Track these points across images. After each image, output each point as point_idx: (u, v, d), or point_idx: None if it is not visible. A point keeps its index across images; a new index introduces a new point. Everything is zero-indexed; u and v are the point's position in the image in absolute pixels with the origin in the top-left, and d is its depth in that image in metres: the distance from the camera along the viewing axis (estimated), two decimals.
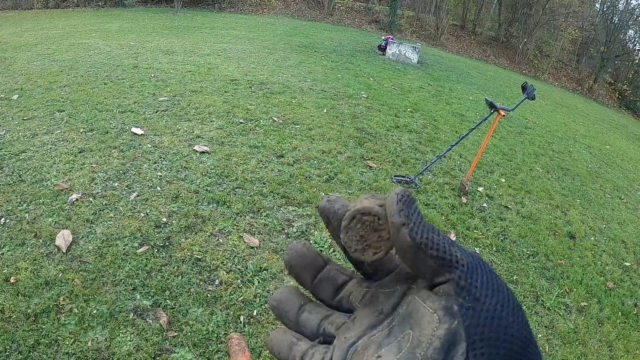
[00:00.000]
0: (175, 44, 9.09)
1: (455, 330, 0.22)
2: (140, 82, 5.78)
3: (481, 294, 0.23)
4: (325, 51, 11.04)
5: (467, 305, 0.23)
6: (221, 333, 2.18)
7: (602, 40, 23.65)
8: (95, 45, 8.12)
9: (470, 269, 0.24)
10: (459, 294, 0.23)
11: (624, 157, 8.75)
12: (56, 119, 4.31)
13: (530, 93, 3.78)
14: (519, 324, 0.23)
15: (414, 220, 0.25)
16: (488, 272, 0.25)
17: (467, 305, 0.23)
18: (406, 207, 0.25)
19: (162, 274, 2.48)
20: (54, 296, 2.20)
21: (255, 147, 4.25)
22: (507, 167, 5.47)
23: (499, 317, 0.23)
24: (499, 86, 12.96)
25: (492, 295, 0.23)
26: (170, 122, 4.54)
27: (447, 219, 3.74)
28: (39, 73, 5.83)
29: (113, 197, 3.12)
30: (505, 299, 0.24)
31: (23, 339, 1.96)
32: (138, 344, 2.03)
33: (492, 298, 0.23)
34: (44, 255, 2.48)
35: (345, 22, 21.01)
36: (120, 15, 14.50)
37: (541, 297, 3.10)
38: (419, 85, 9.24)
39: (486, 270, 0.25)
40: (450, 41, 22.06)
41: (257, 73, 7.21)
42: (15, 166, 3.36)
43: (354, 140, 4.95)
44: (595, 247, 4.09)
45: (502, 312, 0.23)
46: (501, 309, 0.23)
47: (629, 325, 3.08)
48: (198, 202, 3.21)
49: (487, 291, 0.23)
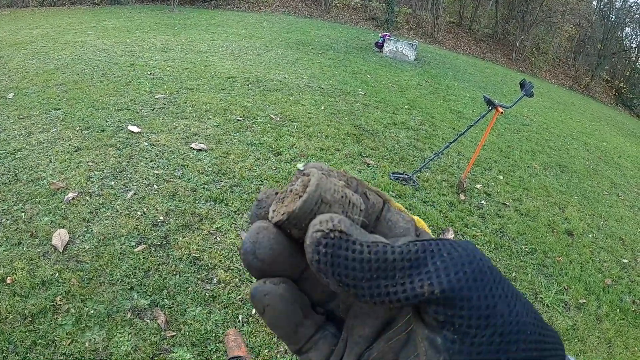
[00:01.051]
0: (171, 41, 9.04)
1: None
2: (136, 79, 5.75)
3: (469, 325, 0.19)
4: (322, 48, 11.01)
5: (452, 338, 0.19)
6: (220, 332, 2.16)
7: (599, 38, 23.69)
8: (92, 43, 8.07)
9: (449, 298, 0.19)
10: (442, 327, 0.20)
11: (621, 154, 8.76)
12: (52, 117, 4.28)
13: (528, 90, 3.78)
14: (524, 349, 0.19)
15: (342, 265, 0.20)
16: (482, 288, 0.20)
17: (452, 338, 0.19)
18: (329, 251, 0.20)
19: (160, 273, 2.46)
20: (51, 296, 2.19)
21: (252, 145, 4.23)
22: (505, 164, 5.47)
23: (496, 350, 0.19)
24: (496, 83, 12.96)
25: (487, 324, 0.19)
26: (167, 120, 4.52)
27: (446, 216, 3.74)
28: (35, 71, 5.79)
29: (109, 195, 3.09)
30: (505, 324, 0.19)
31: (20, 339, 1.94)
32: (136, 344, 2.02)
33: (487, 329, 0.19)
34: (40, 255, 2.46)
35: (342, 19, 20.97)
36: (117, 12, 14.43)
37: (540, 294, 3.10)
38: (416, 82, 9.23)
39: (479, 288, 0.19)
40: (447, 38, 22.05)
41: (254, 70, 7.18)
42: (11, 165, 3.33)
43: (352, 137, 4.94)
44: (593, 244, 4.10)
45: (500, 343, 0.19)
46: (499, 339, 0.19)
47: (627, 322, 3.08)
48: (195, 200, 3.20)
49: (479, 320, 0.19)
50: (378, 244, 0.21)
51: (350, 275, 0.20)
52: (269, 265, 0.24)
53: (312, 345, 0.25)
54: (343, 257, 0.20)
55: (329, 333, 0.25)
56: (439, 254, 0.20)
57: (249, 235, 0.24)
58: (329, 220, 0.21)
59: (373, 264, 0.20)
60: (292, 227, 0.23)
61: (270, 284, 0.24)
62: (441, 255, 0.20)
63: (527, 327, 0.20)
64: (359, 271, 0.20)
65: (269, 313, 0.24)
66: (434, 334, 0.20)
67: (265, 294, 0.24)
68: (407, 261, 0.20)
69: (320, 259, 0.20)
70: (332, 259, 0.20)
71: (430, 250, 0.20)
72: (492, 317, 0.19)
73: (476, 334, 0.19)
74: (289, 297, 0.24)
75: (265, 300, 0.24)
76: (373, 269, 0.20)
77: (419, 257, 0.20)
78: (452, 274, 0.19)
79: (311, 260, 0.21)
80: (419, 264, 0.20)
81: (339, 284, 0.20)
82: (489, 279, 0.20)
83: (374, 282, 0.20)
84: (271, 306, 0.24)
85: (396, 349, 0.23)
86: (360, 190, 0.25)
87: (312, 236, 0.21)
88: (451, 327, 0.19)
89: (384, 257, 0.20)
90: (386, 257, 0.20)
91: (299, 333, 0.25)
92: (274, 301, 0.24)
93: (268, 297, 0.24)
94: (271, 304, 0.24)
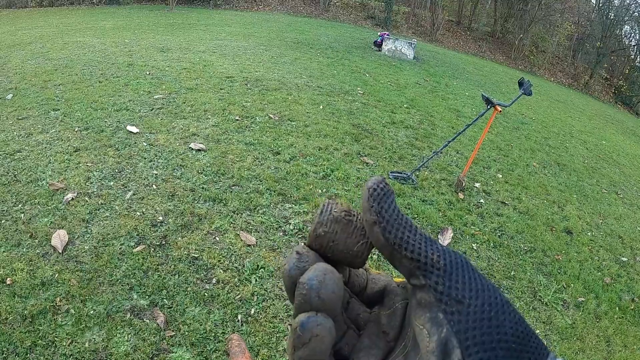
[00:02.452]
0: (170, 41, 9.04)
1: (445, 339, 0.21)
2: (135, 80, 5.75)
3: (464, 295, 0.22)
4: (321, 47, 11.01)
5: (450, 310, 0.22)
6: (219, 332, 2.17)
7: (597, 36, 23.69)
8: (90, 44, 8.07)
9: (448, 271, 0.23)
10: (440, 300, 0.22)
11: (620, 152, 8.77)
12: (51, 118, 4.28)
13: (527, 88, 3.78)
14: (511, 321, 0.22)
15: (387, 218, 0.24)
16: (470, 271, 0.23)
17: (451, 310, 0.22)
18: (378, 203, 0.24)
19: (159, 273, 2.47)
20: (51, 297, 2.19)
21: (251, 144, 4.23)
22: (504, 163, 5.47)
23: (489, 317, 0.22)
24: (495, 82, 12.96)
25: (477, 296, 0.22)
26: (165, 120, 4.52)
27: (444, 215, 3.74)
28: (34, 72, 5.79)
29: (109, 196, 3.10)
30: (491, 297, 0.22)
31: (20, 340, 1.94)
32: (135, 344, 2.02)
33: (477, 299, 0.22)
34: (40, 255, 2.46)
35: (341, 18, 20.96)
36: (115, 12, 14.42)
37: (539, 292, 3.10)
38: (415, 81, 9.23)
39: (468, 270, 0.23)
40: (446, 37, 22.05)
41: (252, 70, 7.18)
42: (10, 166, 3.33)
43: (350, 136, 4.94)
44: (592, 242, 4.10)
45: (490, 312, 0.22)
46: (489, 308, 0.22)
47: (626, 320, 3.09)
48: (194, 200, 3.20)
49: (471, 292, 0.22)
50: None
51: (391, 217, 0.25)
52: (327, 306, 0.26)
53: None
54: (390, 200, 0.25)
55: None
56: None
57: (315, 274, 0.26)
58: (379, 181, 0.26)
59: (408, 221, 0.25)
60: None
61: (323, 317, 0.25)
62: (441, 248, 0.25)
63: (511, 306, 0.23)
64: (398, 214, 0.25)
65: (314, 344, 0.25)
66: (435, 312, 0.22)
67: (318, 324, 0.25)
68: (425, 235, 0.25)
69: (372, 195, 0.25)
70: (383, 199, 0.25)
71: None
72: (482, 291, 0.23)
73: (470, 304, 0.22)
74: (334, 334, 0.26)
75: (316, 331, 0.25)
76: (408, 224, 0.25)
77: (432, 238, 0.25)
78: (451, 259, 0.24)
79: (368, 205, 0.25)
80: (432, 241, 0.25)
81: (379, 224, 0.24)
82: (479, 274, 0.24)
83: (406, 233, 0.24)
84: (319, 337, 0.25)
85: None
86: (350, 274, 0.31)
87: (368, 183, 0.26)
88: (448, 297, 0.22)
89: (411, 222, 0.26)
90: (412, 223, 0.26)
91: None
92: (324, 333, 0.25)
93: (320, 327, 0.25)
94: (320, 335, 0.25)
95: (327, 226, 0.27)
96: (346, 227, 0.27)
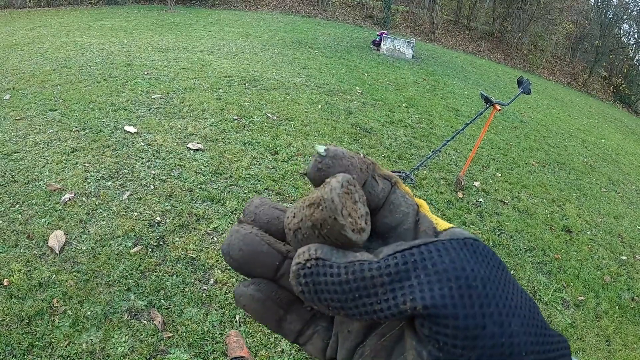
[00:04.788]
0: (168, 41, 9.02)
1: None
2: (133, 80, 5.73)
3: (456, 345, 0.18)
4: (320, 47, 11.00)
5: (436, 355, 0.18)
6: (217, 333, 2.16)
7: (596, 35, 23.71)
8: (88, 44, 8.05)
9: (435, 314, 0.18)
10: (427, 341, 0.19)
11: (619, 151, 8.77)
12: (49, 118, 4.26)
13: (526, 87, 3.77)
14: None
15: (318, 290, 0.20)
16: (470, 304, 0.18)
17: (436, 356, 0.18)
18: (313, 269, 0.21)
19: (157, 274, 2.46)
20: (48, 298, 2.18)
21: (249, 144, 4.22)
22: (503, 162, 5.46)
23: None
24: (493, 81, 12.96)
25: (473, 347, 0.18)
26: (163, 120, 4.50)
27: (444, 214, 3.74)
28: (32, 72, 5.77)
29: (106, 196, 3.08)
30: (497, 344, 0.18)
31: (17, 342, 1.93)
32: (133, 345, 2.01)
33: (474, 351, 0.18)
34: (37, 256, 2.45)
35: (339, 17, 20.94)
36: (113, 13, 14.39)
37: (538, 292, 3.10)
38: (413, 80, 9.22)
39: (469, 303, 0.18)
40: (444, 36, 22.04)
41: (251, 69, 7.17)
42: (8, 167, 3.31)
43: (349, 136, 4.93)
44: (592, 241, 4.10)
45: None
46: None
47: (626, 319, 3.08)
48: (192, 200, 3.19)
49: (465, 341, 0.18)
50: (355, 263, 0.20)
51: (334, 298, 0.20)
52: (243, 264, 0.26)
53: (307, 340, 0.26)
54: (323, 282, 0.20)
55: (322, 327, 0.26)
56: (422, 266, 0.19)
57: (225, 238, 0.27)
58: (305, 252, 0.21)
59: (352, 284, 0.20)
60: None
61: (243, 287, 0.26)
62: (425, 268, 0.19)
63: (523, 347, 0.19)
64: (341, 293, 0.20)
65: (248, 312, 0.26)
66: (421, 346, 0.19)
67: (240, 296, 0.26)
68: (386, 276, 0.19)
69: (303, 289, 0.21)
70: (313, 287, 0.21)
71: (413, 261, 0.19)
72: (481, 339, 0.18)
73: (462, 355, 0.18)
74: (260, 297, 0.26)
75: (241, 301, 0.26)
76: (353, 289, 0.20)
77: (399, 271, 0.19)
78: (437, 289, 0.18)
79: (297, 292, 0.21)
80: (400, 278, 0.19)
81: (327, 308, 0.21)
82: (480, 294, 0.18)
83: (359, 301, 0.20)
84: (247, 306, 0.26)
85: (389, 347, 0.22)
86: (370, 176, 0.25)
87: (292, 271, 0.21)
88: (436, 343, 0.18)
89: (361, 275, 0.20)
90: (364, 275, 0.20)
91: (284, 327, 0.26)
92: (247, 301, 0.26)
93: (242, 298, 0.26)
94: (246, 304, 0.26)
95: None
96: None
